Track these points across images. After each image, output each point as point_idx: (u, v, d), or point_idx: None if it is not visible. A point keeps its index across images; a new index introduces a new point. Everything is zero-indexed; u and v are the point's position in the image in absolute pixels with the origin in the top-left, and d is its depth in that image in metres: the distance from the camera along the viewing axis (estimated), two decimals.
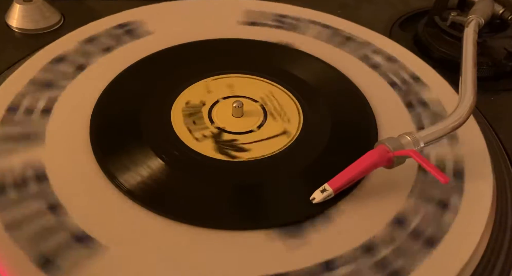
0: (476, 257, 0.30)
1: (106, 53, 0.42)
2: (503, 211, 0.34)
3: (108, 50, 0.42)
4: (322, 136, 0.36)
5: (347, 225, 0.31)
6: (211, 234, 0.30)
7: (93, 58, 0.41)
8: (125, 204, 0.31)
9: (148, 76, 0.40)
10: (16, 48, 0.46)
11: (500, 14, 0.47)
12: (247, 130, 0.36)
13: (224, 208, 0.32)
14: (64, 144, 0.34)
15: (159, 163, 0.33)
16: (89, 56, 0.41)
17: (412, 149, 0.31)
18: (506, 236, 0.33)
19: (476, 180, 0.34)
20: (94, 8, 0.52)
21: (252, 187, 0.33)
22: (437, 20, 0.49)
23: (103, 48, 0.42)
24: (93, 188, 0.32)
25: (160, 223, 0.30)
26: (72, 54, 0.41)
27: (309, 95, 0.39)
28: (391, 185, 0.33)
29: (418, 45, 0.50)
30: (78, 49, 0.42)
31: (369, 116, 0.38)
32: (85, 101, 0.37)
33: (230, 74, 0.41)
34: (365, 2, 0.57)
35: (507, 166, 0.38)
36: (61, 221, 0.29)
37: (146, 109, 0.37)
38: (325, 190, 0.31)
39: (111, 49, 0.42)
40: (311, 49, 0.44)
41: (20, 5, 0.48)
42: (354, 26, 0.47)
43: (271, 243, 0.29)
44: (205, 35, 0.44)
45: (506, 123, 0.42)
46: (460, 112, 0.34)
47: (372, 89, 0.40)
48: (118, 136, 0.35)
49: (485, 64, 0.46)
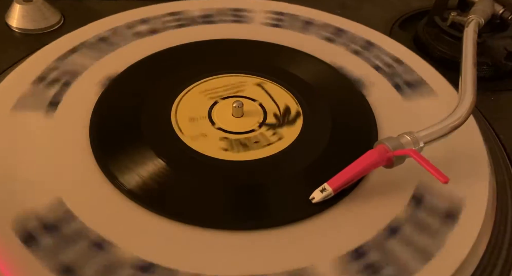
0: (476, 257, 0.30)
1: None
2: (503, 211, 0.34)
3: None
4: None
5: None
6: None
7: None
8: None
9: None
10: (16, 48, 0.46)
11: (500, 14, 0.47)
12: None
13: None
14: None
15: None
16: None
17: (412, 148, 0.31)
18: (506, 236, 0.33)
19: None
20: (94, 8, 0.52)
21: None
22: (437, 20, 0.49)
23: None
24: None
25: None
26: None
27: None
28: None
29: (418, 45, 0.51)
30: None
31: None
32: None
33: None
34: (365, 2, 0.57)
35: (507, 166, 0.38)
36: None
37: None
38: (325, 190, 0.31)
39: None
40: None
41: (20, 5, 0.48)
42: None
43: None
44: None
45: (506, 123, 0.42)
46: (459, 112, 0.34)
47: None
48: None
49: (485, 64, 0.46)
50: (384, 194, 0.32)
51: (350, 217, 0.31)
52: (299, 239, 0.30)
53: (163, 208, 0.30)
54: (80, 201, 0.31)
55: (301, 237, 0.30)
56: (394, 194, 0.33)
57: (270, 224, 0.30)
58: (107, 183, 0.32)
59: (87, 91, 0.38)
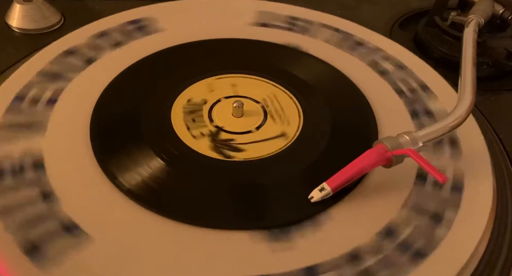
0: (476, 257, 0.30)
1: (115, 48, 0.42)
2: (503, 211, 0.34)
3: (118, 45, 0.43)
4: (320, 138, 0.36)
5: (335, 231, 0.30)
6: (210, 233, 0.30)
7: (102, 54, 0.42)
8: (124, 203, 0.31)
9: (150, 75, 0.40)
10: (16, 48, 0.46)
11: (500, 14, 0.47)
12: (246, 131, 0.36)
13: (224, 207, 0.32)
14: (65, 143, 0.34)
15: (159, 162, 0.33)
16: (100, 50, 0.42)
17: (411, 148, 0.31)
18: (506, 236, 0.33)
19: (476, 180, 0.34)
20: (94, 8, 0.52)
21: (252, 187, 0.33)
22: (437, 20, 0.49)
23: (112, 44, 0.43)
24: (93, 187, 0.32)
25: (159, 222, 0.30)
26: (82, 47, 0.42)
27: (310, 96, 0.39)
28: (387, 187, 0.33)
29: (418, 45, 0.51)
30: (89, 44, 0.42)
31: (369, 116, 0.38)
32: (86, 101, 0.37)
33: (234, 74, 0.41)
34: (365, 2, 0.57)
35: (507, 166, 0.38)
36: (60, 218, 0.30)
37: (146, 108, 0.37)
38: (324, 189, 0.31)
39: (121, 44, 0.43)
40: (319, 53, 0.44)
41: (20, 5, 0.48)
42: (365, 31, 0.47)
43: (259, 244, 0.29)
44: (213, 34, 0.44)
45: (506, 123, 0.42)
46: (459, 112, 0.34)
47: (375, 92, 0.40)
48: (118, 136, 0.35)
49: (485, 64, 0.46)
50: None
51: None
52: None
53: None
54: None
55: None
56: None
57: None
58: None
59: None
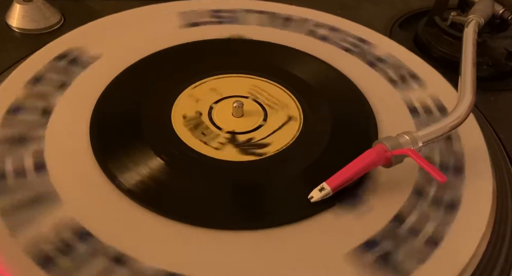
0: (476, 257, 0.30)
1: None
2: (503, 211, 0.34)
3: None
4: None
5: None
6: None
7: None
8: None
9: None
10: (16, 48, 0.46)
11: (500, 14, 0.47)
12: (257, 126, 0.36)
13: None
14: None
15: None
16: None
17: (410, 148, 0.31)
18: (506, 236, 0.33)
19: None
20: (94, 8, 0.52)
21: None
22: (437, 20, 0.49)
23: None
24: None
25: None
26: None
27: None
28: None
29: (418, 45, 0.51)
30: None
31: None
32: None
33: (206, 78, 0.40)
34: (365, 2, 0.57)
35: (507, 166, 0.38)
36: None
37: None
38: (323, 189, 0.31)
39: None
40: (261, 36, 0.44)
41: (20, 5, 0.48)
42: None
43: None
44: (154, 47, 0.42)
45: (506, 123, 0.42)
46: (459, 112, 0.34)
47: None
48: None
49: (485, 64, 0.46)
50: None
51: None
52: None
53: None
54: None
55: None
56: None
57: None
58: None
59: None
